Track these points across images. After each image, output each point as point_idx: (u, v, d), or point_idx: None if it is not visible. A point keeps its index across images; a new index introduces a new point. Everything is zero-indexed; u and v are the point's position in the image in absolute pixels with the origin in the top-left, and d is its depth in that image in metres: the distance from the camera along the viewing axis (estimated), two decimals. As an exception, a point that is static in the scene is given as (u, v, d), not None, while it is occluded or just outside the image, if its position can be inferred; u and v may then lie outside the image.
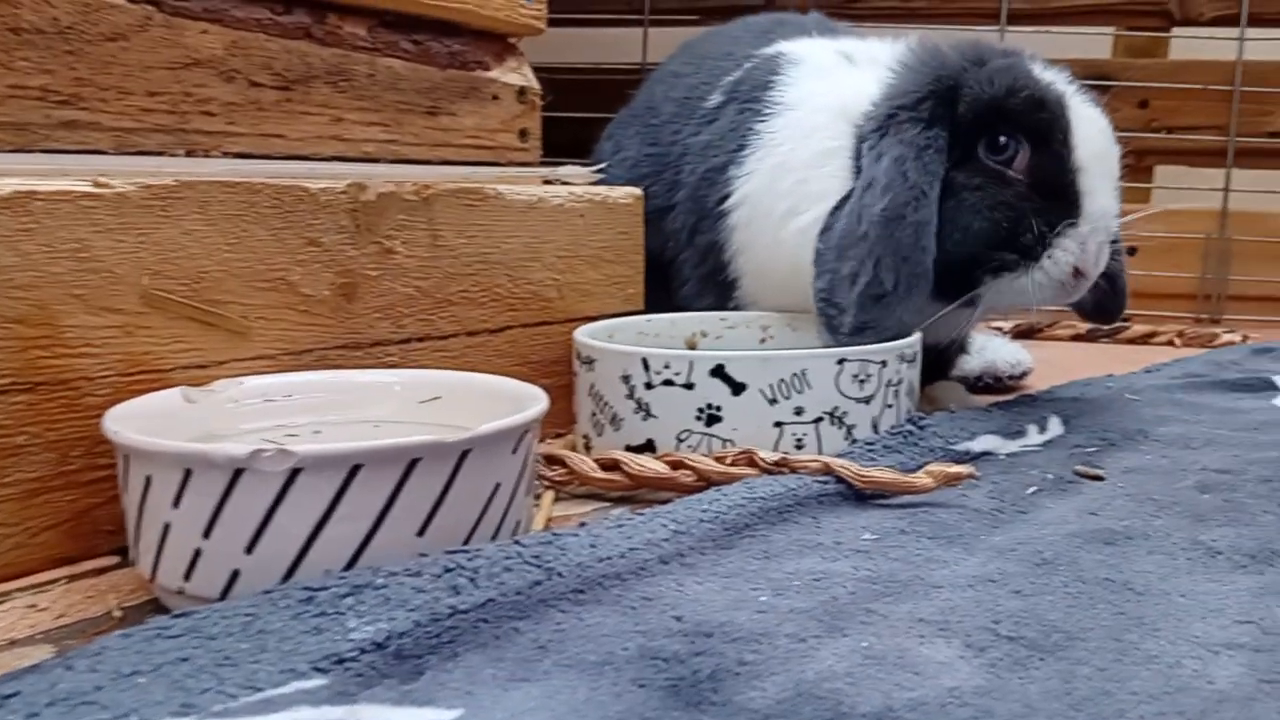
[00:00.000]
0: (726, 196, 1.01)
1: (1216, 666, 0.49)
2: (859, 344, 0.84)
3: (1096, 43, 2.19)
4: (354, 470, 0.52)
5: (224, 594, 0.54)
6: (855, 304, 0.86)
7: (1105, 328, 1.72)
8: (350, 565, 0.54)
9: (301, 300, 0.74)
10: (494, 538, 0.59)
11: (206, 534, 0.54)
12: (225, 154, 0.81)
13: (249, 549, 0.53)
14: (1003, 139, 0.87)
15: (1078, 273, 0.88)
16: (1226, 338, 1.65)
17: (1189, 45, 2.09)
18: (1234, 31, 1.95)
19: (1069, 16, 2.05)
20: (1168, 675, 0.48)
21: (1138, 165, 2.08)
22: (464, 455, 0.55)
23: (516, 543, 0.56)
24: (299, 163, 0.83)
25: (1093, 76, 2.02)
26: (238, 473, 0.52)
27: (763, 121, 1.01)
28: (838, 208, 0.90)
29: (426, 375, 0.73)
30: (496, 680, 0.47)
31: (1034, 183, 0.88)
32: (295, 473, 0.52)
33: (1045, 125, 0.87)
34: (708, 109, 1.08)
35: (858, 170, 0.92)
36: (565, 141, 1.51)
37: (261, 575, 0.53)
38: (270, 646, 0.48)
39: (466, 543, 0.57)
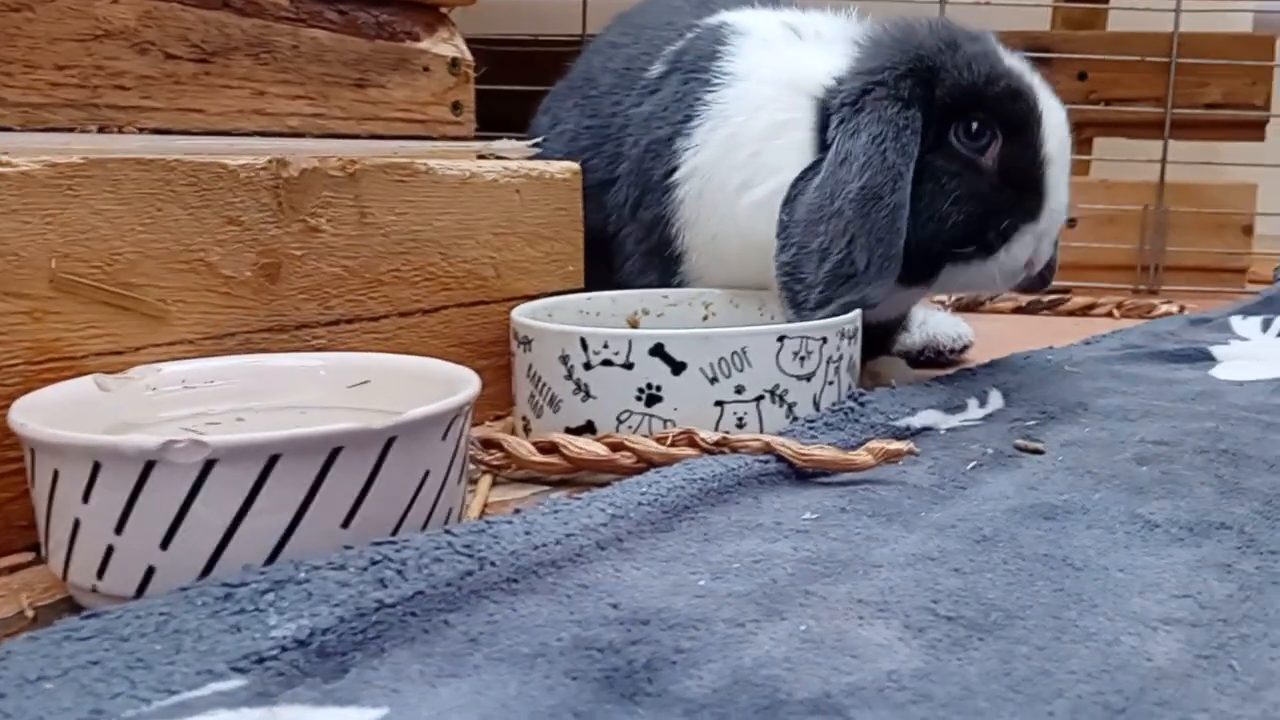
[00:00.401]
0: (674, 169, 0.99)
1: (1154, 643, 0.49)
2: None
3: (1035, 15, 2.20)
4: (272, 460, 0.50)
5: (139, 592, 0.52)
6: (824, 281, 0.85)
7: (1045, 299, 1.73)
8: (271, 559, 0.51)
9: (222, 282, 0.71)
10: (424, 527, 0.57)
11: (119, 530, 0.51)
12: (141, 130, 0.77)
13: (164, 545, 0.51)
14: (977, 126, 0.87)
15: (1030, 264, 0.90)
16: (1164, 309, 1.68)
17: (1127, 18, 2.10)
18: (1170, 3, 1.97)
19: (1009, -12, 2.05)
20: (1106, 653, 0.48)
21: (1077, 137, 2.10)
22: (390, 443, 0.53)
23: (447, 532, 0.54)
24: (220, 138, 0.80)
25: (1032, 48, 2.02)
26: (149, 465, 0.50)
27: (711, 92, 0.99)
28: (802, 179, 0.89)
29: (354, 358, 0.71)
30: (424, 676, 0.45)
31: (1004, 173, 0.87)
32: (210, 464, 0.49)
33: (1020, 117, 0.87)
34: (650, 79, 1.06)
35: (821, 144, 0.90)
36: (505, 115, 1.48)
37: (178, 572, 0.51)
38: (186, 647, 0.46)
39: (395, 533, 0.55)
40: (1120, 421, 0.87)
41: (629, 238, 1.05)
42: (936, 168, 0.87)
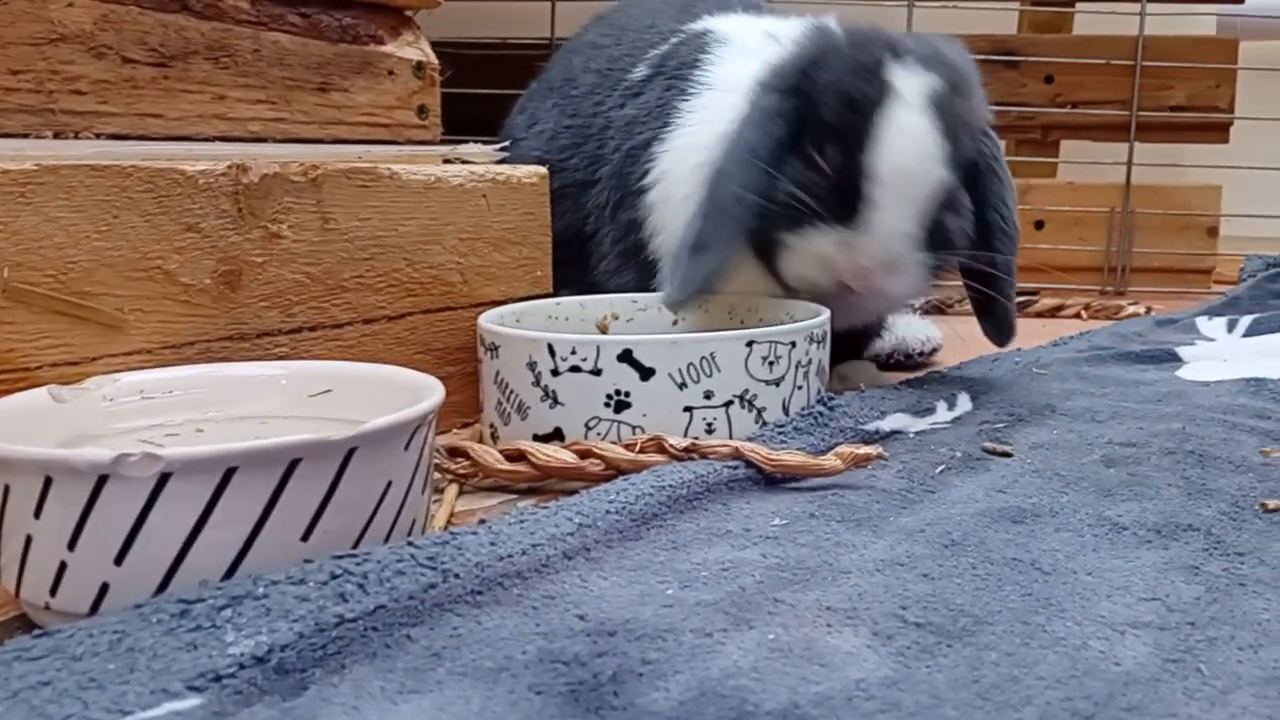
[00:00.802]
0: (647, 173, 0.99)
1: (1123, 647, 0.49)
2: (677, 299, 0.87)
3: (1003, 18, 2.21)
4: (229, 473, 0.49)
5: (94, 609, 0.51)
6: (679, 254, 0.88)
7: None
8: (229, 574, 0.50)
9: (181, 290, 0.70)
10: (387, 539, 0.56)
11: (71, 546, 0.50)
12: (98, 135, 0.76)
13: (118, 560, 0.50)
14: (821, 128, 0.86)
15: (845, 274, 0.87)
16: (1131, 310, 1.69)
17: (1092, 21, 2.12)
18: (1135, 6, 1.98)
19: (976, -9, 2.07)
20: (1074, 658, 0.48)
21: (1044, 140, 2.11)
22: (350, 454, 0.52)
23: (410, 544, 0.54)
24: (179, 144, 0.79)
25: (999, 51, 2.04)
26: (102, 479, 0.48)
27: (687, 100, 0.99)
28: None
29: (316, 367, 0.70)
30: (385, 693, 0.44)
31: (835, 177, 0.86)
32: (165, 478, 0.48)
33: (850, 127, 0.85)
34: (633, 82, 1.06)
35: None
36: (475, 119, 1.47)
37: (133, 588, 0.50)
38: (140, 665, 0.45)
39: (356, 546, 0.54)
40: (1088, 423, 0.88)
41: (607, 238, 1.05)
42: (789, 158, 0.88)
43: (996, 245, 0.93)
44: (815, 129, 0.87)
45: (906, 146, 0.84)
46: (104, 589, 0.50)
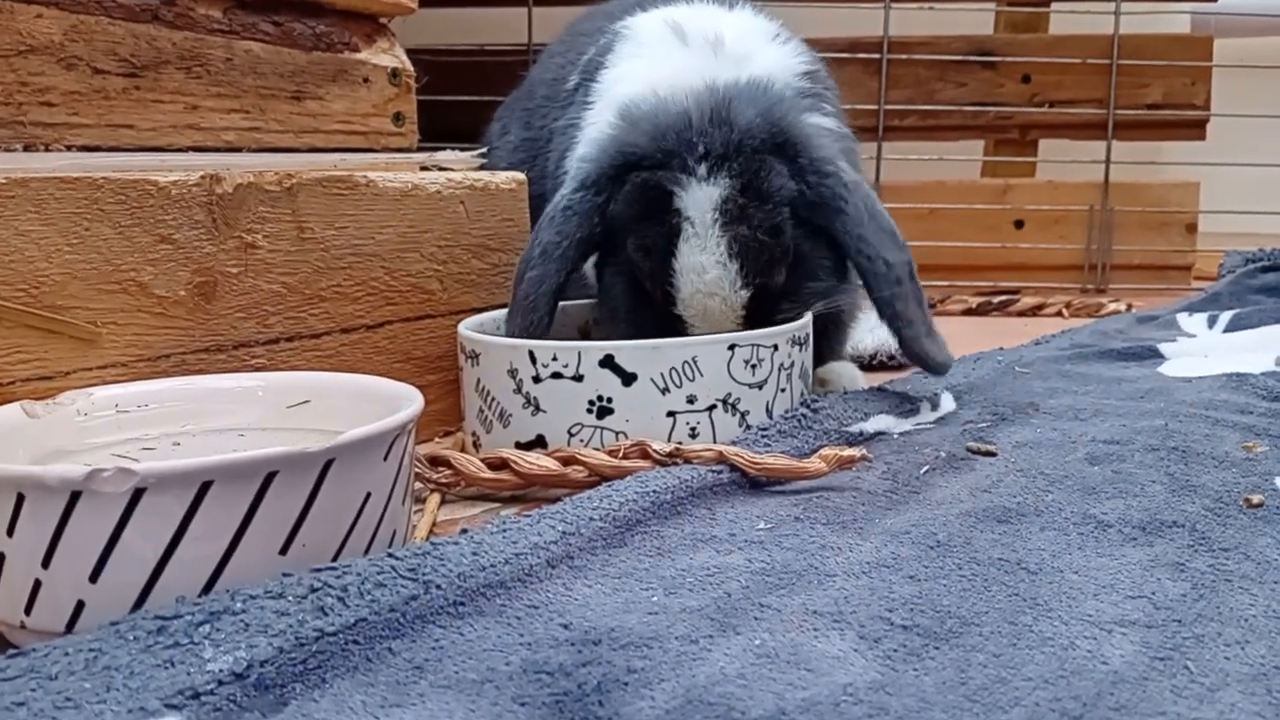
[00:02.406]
0: (561, 188, 0.95)
1: (1110, 646, 0.49)
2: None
3: (980, 18, 2.22)
4: (204, 487, 0.48)
5: (69, 627, 0.50)
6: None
7: (995, 300, 1.74)
8: (206, 590, 0.50)
9: (155, 302, 0.69)
10: (367, 552, 0.55)
11: (45, 563, 0.49)
12: (69, 147, 0.75)
13: (93, 578, 0.49)
14: (633, 249, 0.83)
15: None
16: (1112, 307, 1.69)
17: (1068, 20, 2.13)
18: (1110, 5, 1.99)
19: (953, -8, 2.07)
20: (1062, 658, 0.48)
21: (1022, 140, 2.12)
22: (328, 465, 0.51)
23: (391, 556, 0.53)
24: (152, 155, 0.78)
25: (977, 52, 2.05)
26: (75, 496, 0.48)
27: (589, 109, 0.97)
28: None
29: (293, 378, 0.69)
30: (367, 707, 0.44)
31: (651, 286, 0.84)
32: (139, 493, 0.48)
33: (652, 247, 0.82)
34: (568, 90, 1.04)
35: None
36: (456, 125, 1.47)
37: (109, 605, 0.49)
38: (117, 684, 0.44)
39: (336, 559, 0.53)
40: (1071, 421, 0.88)
41: None
42: (617, 262, 0.86)
43: (870, 286, 0.85)
44: (624, 229, 0.84)
45: (698, 284, 0.81)
46: (79, 607, 0.49)
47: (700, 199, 0.81)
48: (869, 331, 1.18)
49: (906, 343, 0.86)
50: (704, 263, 0.80)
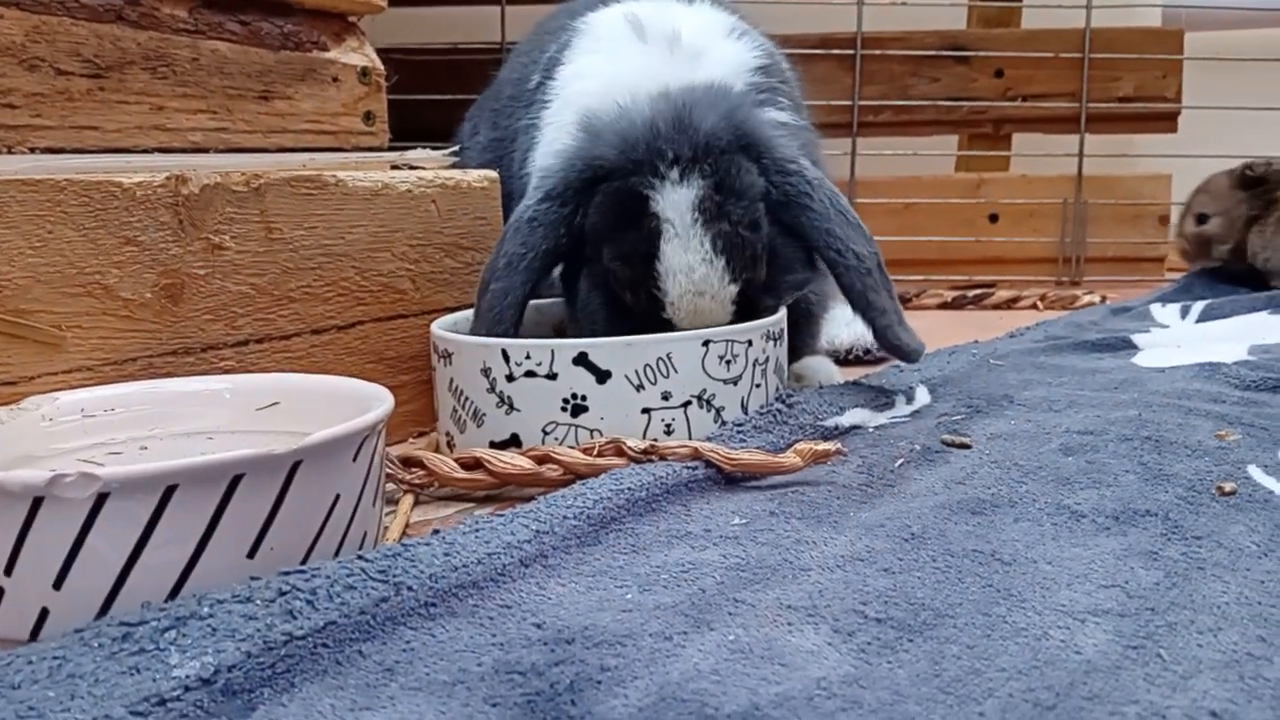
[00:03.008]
0: (525, 191, 0.94)
1: (1083, 635, 0.49)
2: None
3: (953, 14, 2.22)
4: (169, 491, 0.48)
5: (34, 635, 0.49)
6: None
7: (970, 294, 1.75)
8: (173, 595, 0.49)
9: (121, 305, 0.68)
10: (337, 554, 0.55)
11: (8, 570, 0.48)
12: (32, 149, 0.74)
13: (57, 584, 0.48)
14: (610, 259, 0.83)
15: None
16: (1086, 299, 1.70)
17: (1040, 15, 2.14)
18: (1082, 0, 2.00)
19: (925, -13, 2.08)
20: (1035, 648, 0.48)
21: (996, 134, 2.13)
22: (295, 467, 0.51)
23: (361, 558, 0.52)
24: (118, 156, 0.77)
25: (950, 47, 2.06)
26: (37, 501, 0.47)
27: (547, 108, 0.96)
28: None
29: (261, 380, 0.68)
30: (336, 711, 0.43)
31: (632, 296, 0.83)
32: (102, 498, 0.47)
33: (632, 257, 0.81)
34: (530, 89, 1.03)
35: None
36: (431, 124, 1.46)
37: (74, 612, 0.48)
38: (81, 692, 0.43)
39: (305, 561, 0.53)
40: (1045, 412, 0.88)
41: None
42: (594, 272, 0.85)
43: (841, 279, 0.85)
44: (599, 240, 0.83)
45: (687, 284, 0.80)
46: (44, 614, 0.49)
47: (677, 200, 0.80)
48: (844, 326, 1.18)
49: (880, 332, 0.87)
50: (690, 261, 0.80)
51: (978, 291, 1.78)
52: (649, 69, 0.90)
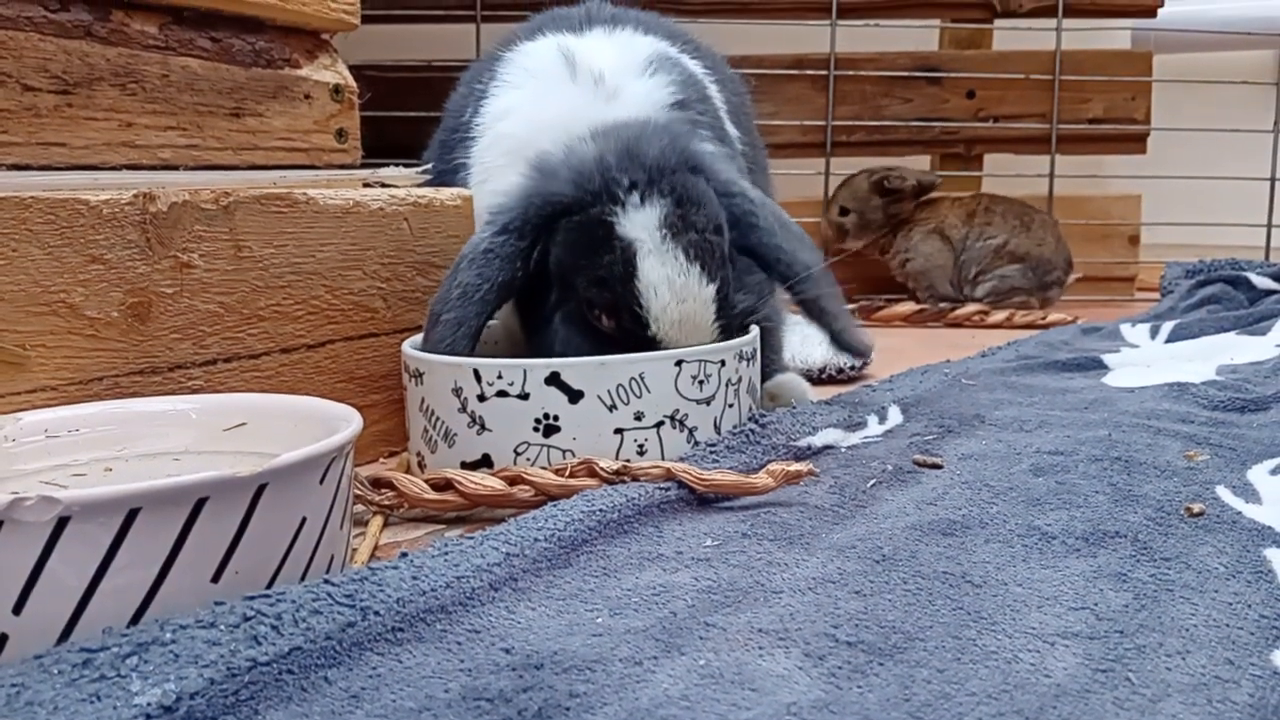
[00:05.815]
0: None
1: (1053, 658, 0.49)
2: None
3: (925, 35, 2.24)
4: (132, 515, 0.47)
5: (-8, 662, 0.48)
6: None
7: (939, 308, 1.76)
8: (135, 620, 0.48)
9: (87, 324, 0.67)
10: (303, 578, 0.54)
11: (-34, 596, 0.47)
12: (-3, 166, 0.73)
13: (16, 610, 0.47)
14: (585, 289, 0.83)
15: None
16: (1057, 318, 1.71)
17: (1011, 37, 2.16)
18: (1052, 22, 2.03)
19: (897, 10, 2.09)
20: (1005, 671, 0.47)
21: (967, 154, 2.15)
22: (260, 490, 0.50)
23: (327, 582, 0.52)
24: (85, 173, 0.76)
25: (922, 68, 2.08)
26: (-4, 525, 0.46)
27: (473, 145, 0.98)
28: None
29: (228, 400, 0.67)
30: (300, 739, 0.43)
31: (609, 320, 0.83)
32: (63, 521, 0.46)
33: (610, 281, 0.81)
34: (464, 123, 1.03)
35: None
36: (411, 141, 1.45)
37: (33, 638, 0.47)
38: (40, 719, 0.42)
39: (270, 586, 0.52)
40: (1016, 433, 0.88)
41: None
42: (571, 309, 0.85)
43: (793, 289, 0.89)
44: (580, 280, 0.83)
45: (668, 295, 0.81)
46: (3, 640, 0.48)
47: (644, 220, 0.82)
48: (816, 346, 1.19)
49: (836, 335, 0.93)
50: (669, 274, 0.81)
51: (943, 305, 1.80)
52: (571, 108, 0.92)
